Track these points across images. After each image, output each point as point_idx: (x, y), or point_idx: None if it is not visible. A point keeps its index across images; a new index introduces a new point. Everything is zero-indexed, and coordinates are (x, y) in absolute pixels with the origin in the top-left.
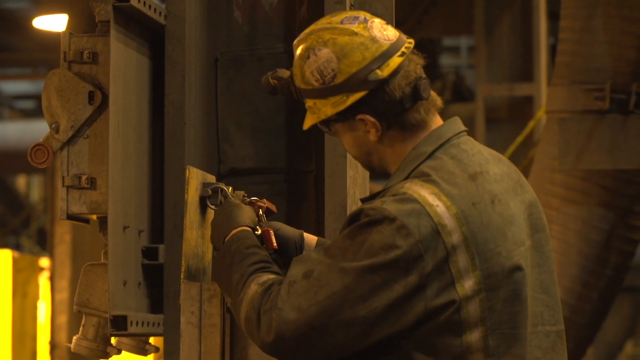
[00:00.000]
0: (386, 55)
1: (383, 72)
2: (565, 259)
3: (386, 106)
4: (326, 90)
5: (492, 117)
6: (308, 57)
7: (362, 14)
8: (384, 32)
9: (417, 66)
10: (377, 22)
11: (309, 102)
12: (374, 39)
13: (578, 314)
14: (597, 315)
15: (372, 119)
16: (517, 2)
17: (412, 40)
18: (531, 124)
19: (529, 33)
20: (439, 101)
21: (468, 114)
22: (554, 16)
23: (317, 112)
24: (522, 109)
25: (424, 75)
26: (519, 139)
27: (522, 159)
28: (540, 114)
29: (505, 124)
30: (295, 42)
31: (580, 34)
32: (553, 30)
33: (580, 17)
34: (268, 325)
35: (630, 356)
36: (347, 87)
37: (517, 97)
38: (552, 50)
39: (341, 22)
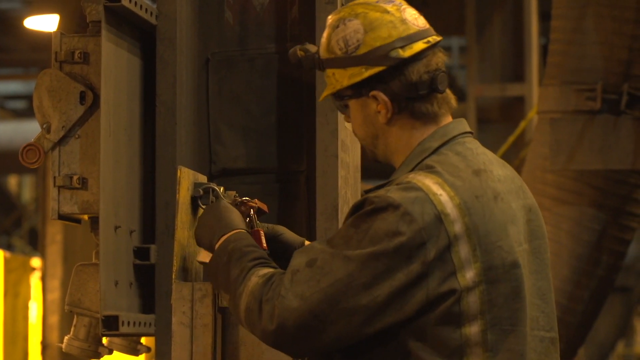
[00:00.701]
0: (412, 38)
1: (405, 52)
2: (557, 260)
3: (401, 88)
4: (347, 60)
5: (484, 117)
6: (337, 27)
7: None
8: (416, 18)
9: (439, 60)
10: (410, 9)
11: (328, 73)
12: (403, 21)
13: (569, 314)
14: (589, 315)
15: (385, 98)
16: (509, 2)
17: (440, 37)
18: (522, 124)
19: (520, 33)
20: (453, 101)
21: (459, 114)
22: (545, 16)
23: (334, 82)
24: (514, 109)
25: (444, 69)
26: (511, 139)
27: (513, 159)
28: (532, 114)
29: (496, 124)
30: (330, 15)
31: (572, 35)
32: (544, 31)
33: (572, 17)
34: (270, 314)
35: (621, 356)
36: (367, 59)
37: (509, 97)
38: (544, 51)
39: (377, 1)
